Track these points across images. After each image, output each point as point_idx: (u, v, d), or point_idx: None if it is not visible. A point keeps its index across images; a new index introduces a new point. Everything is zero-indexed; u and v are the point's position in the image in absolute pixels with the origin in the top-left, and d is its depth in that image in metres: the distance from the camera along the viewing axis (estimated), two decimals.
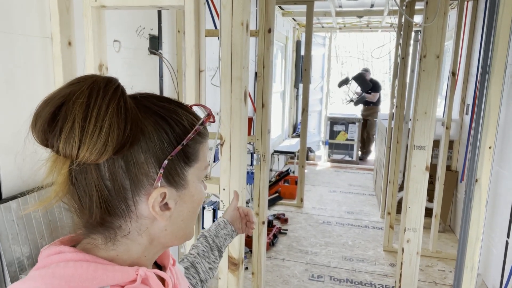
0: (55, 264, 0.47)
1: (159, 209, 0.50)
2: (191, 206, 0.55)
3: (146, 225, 0.51)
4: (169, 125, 0.50)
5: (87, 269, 0.46)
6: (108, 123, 0.43)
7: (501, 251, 2.60)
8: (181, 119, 0.51)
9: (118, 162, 0.47)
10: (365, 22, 5.97)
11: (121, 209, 0.49)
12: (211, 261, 0.88)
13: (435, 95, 2.25)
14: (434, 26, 2.10)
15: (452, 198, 3.87)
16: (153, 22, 2.16)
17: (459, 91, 3.68)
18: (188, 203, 0.54)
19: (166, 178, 0.50)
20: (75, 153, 0.43)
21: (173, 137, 0.50)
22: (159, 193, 0.49)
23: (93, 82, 0.45)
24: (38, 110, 0.45)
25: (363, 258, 3.32)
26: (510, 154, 2.52)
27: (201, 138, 0.53)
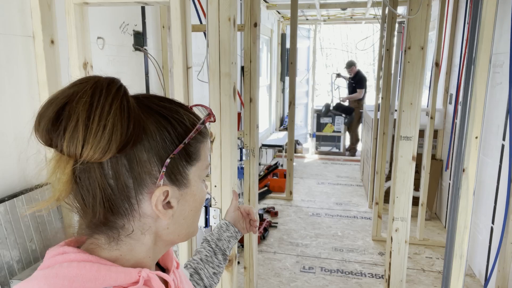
0: (59, 265, 0.47)
1: (162, 207, 0.51)
2: (193, 205, 0.55)
3: (149, 224, 0.52)
4: (171, 124, 0.50)
5: (90, 269, 0.47)
6: (112, 121, 0.44)
7: (486, 237, 2.68)
8: (182, 119, 0.52)
9: (121, 160, 0.48)
10: (349, 14, 6.00)
11: (124, 208, 0.50)
12: (215, 265, 0.88)
13: (420, 86, 2.28)
14: (418, 18, 2.12)
15: (437, 186, 3.95)
16: (137, 17, 2.13)
17: (442, 81, 3.74)
18: (190, 202, 0.55)
19: (169, 176, 0.51)
20: (79, 151, 0.44)
21: (175, 136, 0.50)
22: (162, 191, 0.50)
23: (96, 82, 0.46)
24: (42, 110, 0.45)
25: (352, 248, 3.37)
26: (493, 142, 2.58)
27: (202, 137, 0.54)
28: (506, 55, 2.39)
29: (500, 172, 2.50)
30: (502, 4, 2.49)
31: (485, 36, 1.09)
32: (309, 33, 7.22)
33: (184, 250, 1.52)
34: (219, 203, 1.37)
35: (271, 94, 6.40)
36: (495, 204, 2.56)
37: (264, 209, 4.13)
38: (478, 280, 2.82)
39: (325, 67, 13.06)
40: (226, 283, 1.43)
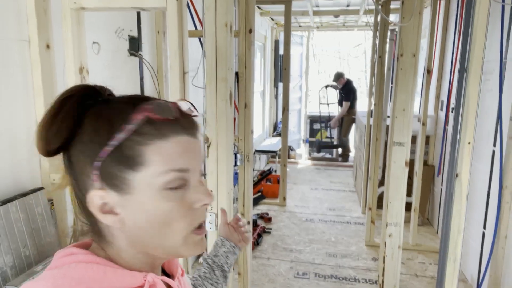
0: (67, 265, 0.48)
1: (99, 211, 0.49)
2: (147, 217, 0.49)
3: (111, 230, 0.51)
4: (105, 126, 0.48)
5: (97, 271, 0.47)
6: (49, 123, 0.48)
7: (478, 242, 2.70)
8: (119, 119, 0.47)
9: (65, 158, 0.51)
10: (342, 21, 6.06)
11: (83, 207, 0.52)
12: (214, 281, 0.87)
13: (413, 93, 2.31)
14: (410, 26, 2.15)
15: (430, 192, 3.98)
16: (132, 23, 2.13)
17: (433, 88, 3.79)
18: (140, 212, 0.49)
19: (105, 180, 0.48)
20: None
21: (107, 137, 0.47)
22: (95, 194, 0.48)
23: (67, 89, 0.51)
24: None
25: (346, 253, 3.37)
26: (484, 148, 2.62)
27: (142, 139, 0.47)
28: (496, 63, 2.44)
29: (491, 178, 2.53)
30: (491, 13, 2.54)
31: (477, 44, 1.11)
32: (302, 39, 7.28)
33: None
34: (215, 208, 1.37)
35: (265, 100, 6.42)
36: (487, 210, 2.59)
37: (258, 215, 4.12)
38: (470, 285, 2.84)
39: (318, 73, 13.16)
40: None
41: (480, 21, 1.10)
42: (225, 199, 1.36)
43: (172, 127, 0.48)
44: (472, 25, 1.11)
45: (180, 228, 0.50)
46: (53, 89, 1.47)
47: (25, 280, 1.19)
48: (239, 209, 2.40)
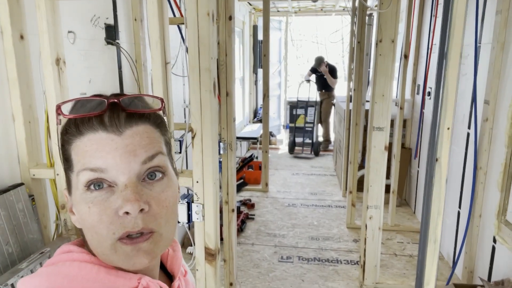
0: (62, 263, 0.48)
1: (69, 209, 0.51)
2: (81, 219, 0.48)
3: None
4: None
5: (90, 270, 0.47)
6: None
7: (453, 221, 2.82)
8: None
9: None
10: (320, 6, 6.05)
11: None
12: None
13: (391, 78, 2.36)
14: (389, 12, 2.18)
15: (407, 173, 4.10)
16: (108, 10, 2.07)
17: (410, 72, 3.86)
18: (77, 213, 0.48)
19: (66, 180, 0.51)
20: None
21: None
22: (64, 193, 0.52)
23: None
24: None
25: (328, 236, 3.45)
26: (459, 131, 2.70)
27: (68, 139, 0.47)
28: (471, 47, 2.50)
29: (466, 159, 2.63)
30: None
31: (456, 31, 1.14)
32: (281, 24, 7.24)
33: None
34: (202, 199, 1.37)
35: (244, 86, 6.39)
36: (462, 190, 2.69)
37: (241, 201, 4.15)
38: (446, 262, 2.97)
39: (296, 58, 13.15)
40: (210, 277, 1.44)
41: (459, 10, 1.12)
42: (211, 189, 1.36)
43: (89, 124, 0.46)
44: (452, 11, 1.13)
45: (103, 234, 0.46)
46: (28, 81, 1.42)
47: (9, 278, 1.17)
48: (224, 197, 2.41)
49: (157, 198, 0.47)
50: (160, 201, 0.47)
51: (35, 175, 1.45)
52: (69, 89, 1.47)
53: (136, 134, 0.46)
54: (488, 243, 2.27)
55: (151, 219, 0.46)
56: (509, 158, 2.02)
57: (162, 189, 0.48)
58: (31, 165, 1.44)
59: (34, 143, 1.45)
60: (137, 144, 0.46)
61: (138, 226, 0.45)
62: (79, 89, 1.80)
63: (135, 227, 0.45)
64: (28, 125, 1.42)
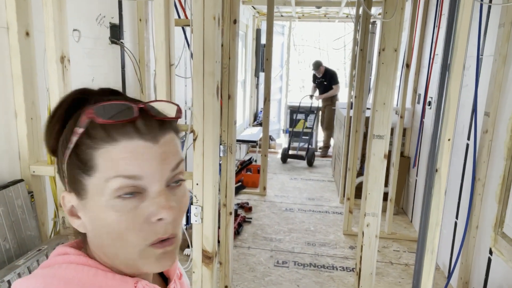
0: (58, 265, 0.48)
1: (68, 213, 0.50)
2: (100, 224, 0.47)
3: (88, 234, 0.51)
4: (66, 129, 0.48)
5: (87, 273, 0.47)
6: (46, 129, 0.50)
7: (450, 231, 2.82)
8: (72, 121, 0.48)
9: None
10: (323, 12, 6.08)
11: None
12: None
13: (393, 87, 2.36)
14: (392, 21, 2.19)
15: (405, 182, 4.11)
16: (113, 10, 2.08)
17: (411, 81, 3.88)
18: (95, 219, 0.47)
19: (69, 183, 0.49)
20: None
21: (67, 140, 0.47)
22: (65, 196, 0.50)
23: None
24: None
25: (324, 242, 3.45)
26: (459, 141, 2.71)
27: (92, 143, 0.45)
28: (473, 59, 2.52)
29: (465, 170, 2.64)
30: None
31: (460, 45, 1.15)
32: (284, 29, 7.27)
33: None
34: (201, 201, 1.37)
35: (245, 89, 6.40)
36: (459, 200, 2.70)
37: (238, 204, 4.15)
38: (442, 272, 2.97)
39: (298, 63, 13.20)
40: (207, 280, 1.44)
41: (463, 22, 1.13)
42: (211, 192, 1.37)
43: (124, 131, 0.45)
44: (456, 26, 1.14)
45: (133, 241, 0.45)
46: (33, 78, 1.43)
47: (6, 275, 1.16)
48: (222, 200, 2.41)
49: (179, 203, 0.48)
50: (181, 206, 0.49)
51: (35, 172, 1.45)
52: (72, 87, 1.47)
53: (167, 142, 0.47)
54: (484, 255, 2.27)
55: (174, 224, 0.48)
56: (507, 171, 2.03)
57: (183, 194, 0.49)
58: (32, 161, 1.44)
59: (35, 140, 1.45)
60: (169, 152, 0.47)
61: (169, 231, 0.47)
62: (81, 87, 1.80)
63: (166, 233, 0.47)
64: (30, 121, 1.43)
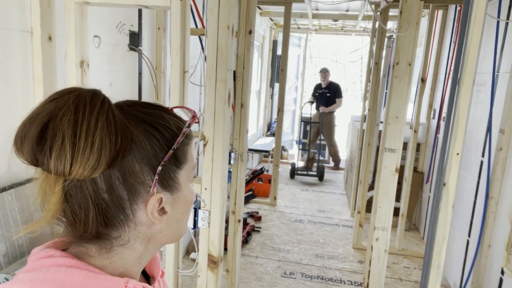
0: (46, 268, 0.46)
1: (157, 214, 0.51)
2: (185, 207, 0.56)
3: (144, 231, 0.52)
4: (159, 131, 0.50)
5: (78, 276, 0.46)
6: (99, 138, 0.43)
7: (462, 249, 2.77)
8: (168, 124, 0.52)
9: (114, 173, 0.47)
10: (340, 25, 6.10)
11: (119, 219, 0.49)
12: None
13: (406, 101, 2.36)
14: (407, 35, 2.20)
15: (418, 198, 4.05)
16: (133, 18, 2.14)
17: (426, 96, 3.85)
18: (182, 204, 0.55)
19: (161, 183, 0.51)
20: (67, 170, 0.42)
21: (164, 142, 0.50)
22: (156, 199, 0.50)
23: (78, 96, 0.44)
24: (23, 129, 0.44)
25: (333, 255, 3.42)
26: (473, 158, 2.68)
27: (188, 140, 0.54)
28: (489, 75, 2.50)
29: (478, 187, 2.59)
30: (486, 26, 2.60)
31: (470, 59, 1.15)
32: (300, 41, 7.32)
33: (171, 252, 1.54)
34: (209, 206, 1.39)
35: (260, 99, 6.45)
36: (472, 218, 2.65)
37: (248, 213, 4.16)
38: None
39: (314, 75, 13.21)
40: (211, 284, 1.45)
41: (474, 38, 1.14)
42: (219, 197, 1.39)
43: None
44: (466, 40, 1.15)
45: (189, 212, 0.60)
46: (53, 80, 1.49)
47: (18, 269, 1.20)
48: (231, 207, 2.43)
49: None
50: None
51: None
52: None
53: None
54: (496, 274, 2.22)
55: None
56: None
57: None
58: None
59: None
60: None
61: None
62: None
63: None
64: None
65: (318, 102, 6.05)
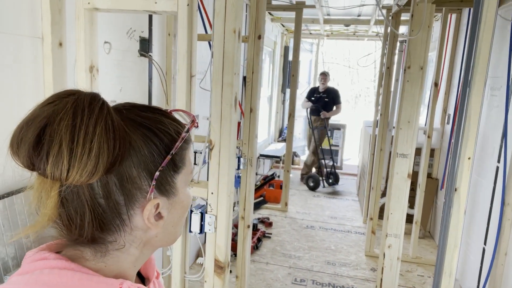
0: (39, 271, 0.46)
1: (153, 220, 0.51)
2: (181, 211, 0.56)
3: (140, 236, 0.52)
4: (157, 136, 0.49)
5: (72, 278, 0.46)
6: (97, 144, 0.42)
7: (478, 258, 2.69)
8: (167, 129, 0.51)
9: (111, 179, 0.47)
10: (352, 30, 6.08)
11: (116, 224, 0.49)
12: None
13: (418, 105, 2.32)
14: (418, 39, 2.17)
15: (432, 205, 3.97)
16: (144, 24, 2.17)
17: (441, 101, 3.79)
18: (178, 208, 0.55)
19: (158, 188, 0.50)
20: (64, 175, 0.42)
21: (162, 148, 0.50)
22: (153, 204, 0.50)
23: (76, 100, 0.44)
24: (19, 132, 0.43)
25: (345, 262, 3.37)
26: (488, 164, 2.61)
27: (186, 144, 0.53)
28: (504, 79, 2.44)
29: (494, 194, 2.52)
30: (501, 30, 2.54)
31: (481, 60, 1.13)
32: (312, 47, 7.31)
33: (178, 257, 1.53)
34: (215, 210, 1.39)
35: (272, 105, 6.44)
36: (488, 226, 2.57)
37: (259, 219, 4.13)
38: None
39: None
40: None
41: (485, 37, 1.11)
42: (225, 201, 1.38)
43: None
44: (477, 41, 1.12)
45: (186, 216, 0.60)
46: (63, 85, 1.51)
47: None
48: (240, 213, 2.42)
49: None
50: None
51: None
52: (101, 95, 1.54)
53: None
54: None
55: None
56: None
57: None
58: None
59: None
60: None
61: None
62: (110, 96, 1.88)
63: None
64: None
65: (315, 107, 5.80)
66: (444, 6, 3.23)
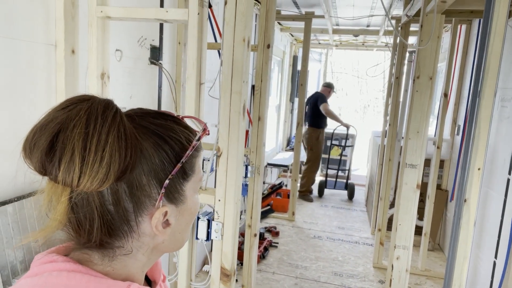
0: (48, 273, 0.47)
1: (161, 227, 0.51)
2: (189, 218, 0.56)
3: (147, 242, 0.52)
4: (168, 144, 0.50)
5: (80, 280, 0.46)
6: (109, 153, 0.43)
7: (488, 271, 2.63)
8: (178, 137, 0.51)
9: (121, 186, 0.47)
10: (361, 40, 6.09)
11: (123, 230, 0.50)
12: None
13: (427, 115, 2.31)
14: (427, 49, 2.16)
15: (442, 216, 3.91)
16: (155, 33, 2.20)
17: (450, 112, 3.76)
18: (186, 215, 0.55)
19: (167, 196, 0.51)
20: (75, 182, 0.43)
21: (173, 156, 0.50)
22: (162, 212, 0.50)
23: (90, 107, 0.44)
24: (33, 137, 0.44)
25: (352, 274, 3.33)
26: (499, 176, 2.57)
27: (196, 152, 0.54)
28: None
29: (505, 206, 2.48)
30: (511, 41, 2.53)
31: (491, 70, 1.12)
32: (321, 56, 7.33)
33: (184, 264, 1.53)
34: (222, 217, 1.39)
35: (280, 114, 6.46)
36: (499, 239, 2.53)
37: (266, 228, 4.11)
38: None
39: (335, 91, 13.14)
40: None
41: (495, 48, 1.11)
42: (232, 209, 1.38)
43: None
44: (487, 51, 1.12)
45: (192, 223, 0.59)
46: (75, 92, 1.53)
47: None
48: (247, 221, 2.41)
49: None
50: None
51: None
52: None
53: None
54: None
55: None
56: None
57: None
58: None
59: None
60: None
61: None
62: (120, 103, 1.90)
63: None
64: None
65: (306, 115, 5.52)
66: (453, 17, 3.22)
